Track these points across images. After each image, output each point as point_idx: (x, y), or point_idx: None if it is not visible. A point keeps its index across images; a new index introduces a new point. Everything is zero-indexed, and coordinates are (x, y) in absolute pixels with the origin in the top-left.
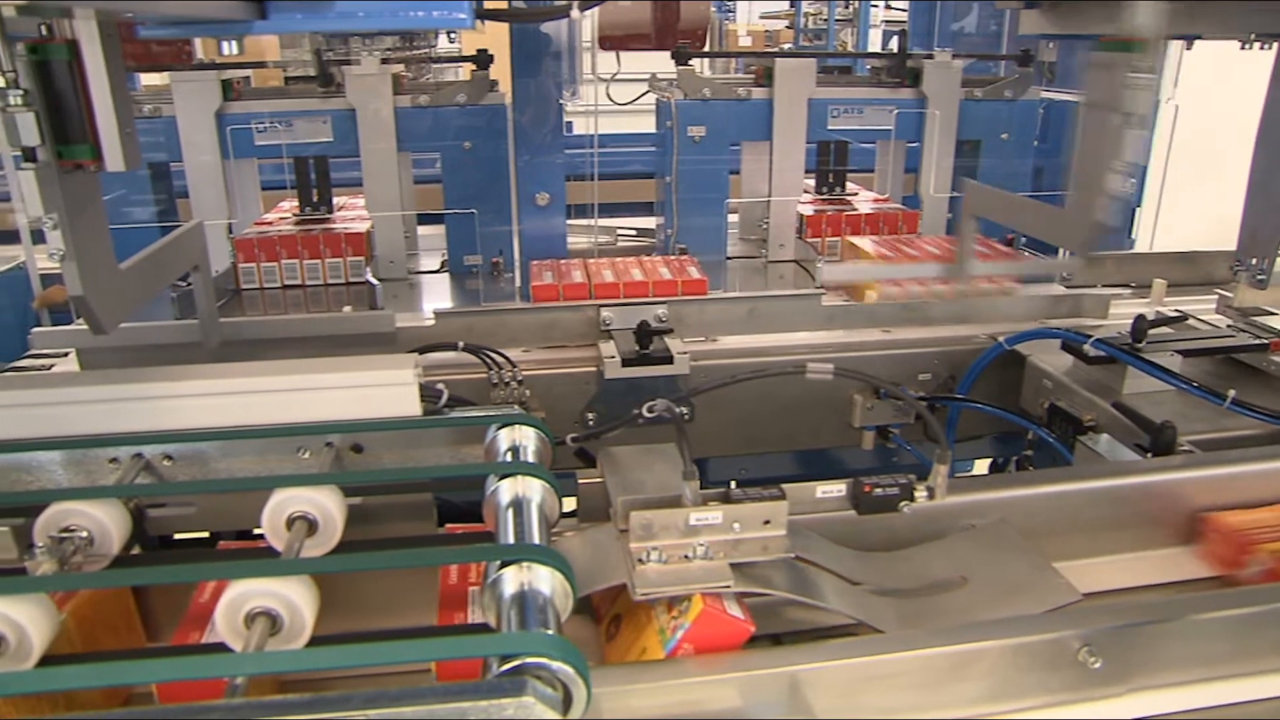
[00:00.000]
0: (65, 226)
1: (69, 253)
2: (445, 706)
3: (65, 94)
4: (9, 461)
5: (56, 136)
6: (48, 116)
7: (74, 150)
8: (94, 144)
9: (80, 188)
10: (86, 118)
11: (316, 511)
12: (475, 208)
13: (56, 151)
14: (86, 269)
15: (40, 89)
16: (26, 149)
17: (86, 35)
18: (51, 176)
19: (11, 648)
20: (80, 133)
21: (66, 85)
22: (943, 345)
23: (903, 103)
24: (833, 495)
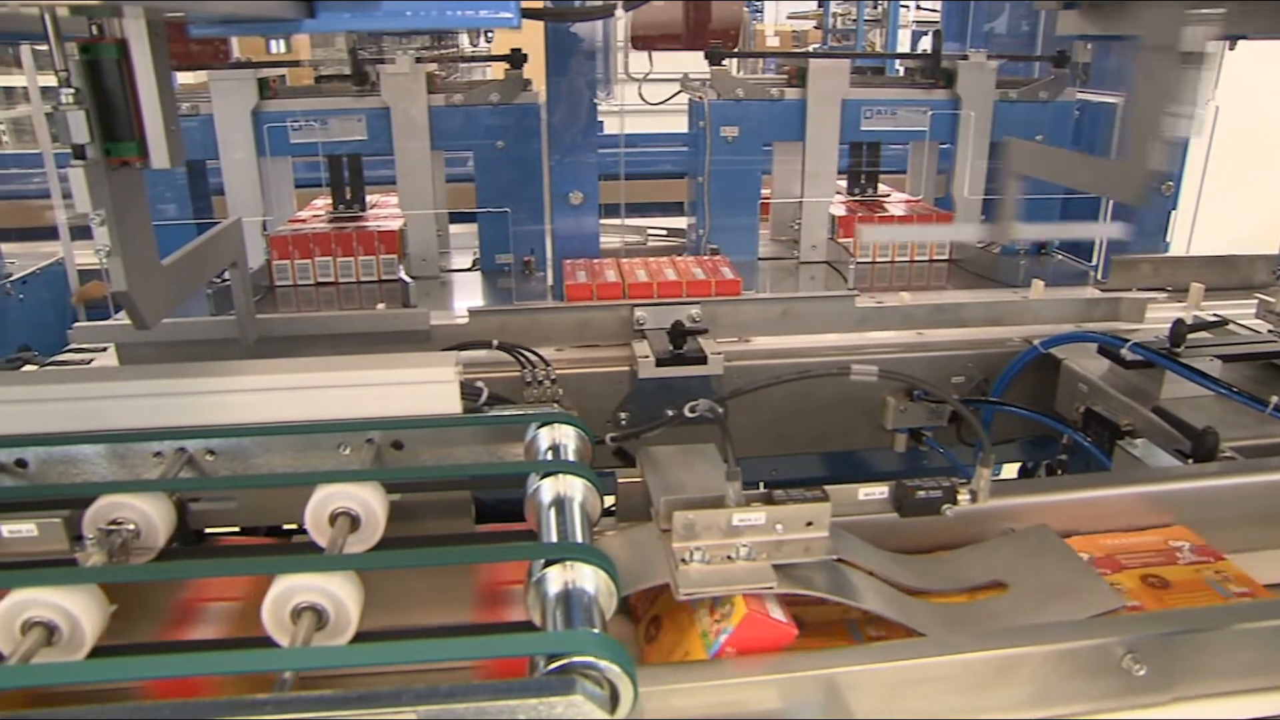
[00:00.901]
0: (111, 223)
1: (114, 249)
2: (495, 704)
3: (114, 92)
4: (56, 454)
5: (105, 134)
6: (97, 115)
7: (121, 148)
8: (140, 141)
9: (126, 185)
10: (134, 116)
11: (359, 508)
12: (507, 206)
13: (104, 149)
14: (131, 265)
15: (90, 88)
16: (76, 146)
17: (135, 34)
18: (99, 174)
19: (65, 638)
20: (128, 130)
21: (115, 84)
22: (976, 348)
23: (936, 104)
24: (875, 497)
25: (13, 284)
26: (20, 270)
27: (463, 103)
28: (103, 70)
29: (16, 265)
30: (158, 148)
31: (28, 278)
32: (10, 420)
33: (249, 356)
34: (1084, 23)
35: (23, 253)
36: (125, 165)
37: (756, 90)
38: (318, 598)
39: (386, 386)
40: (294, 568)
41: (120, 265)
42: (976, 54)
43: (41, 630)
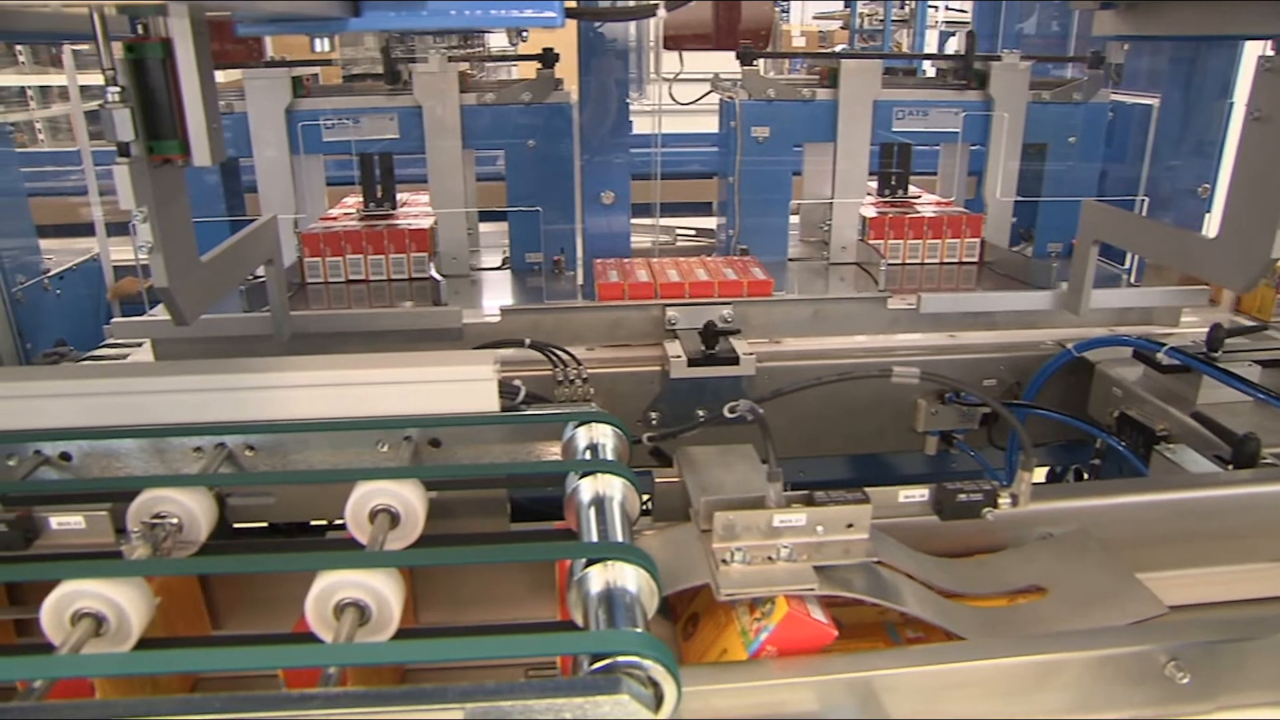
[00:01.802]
0: (153, 220)
1: (156, 245)
2: (542, 703)
3: (158, 91)
4: (99, 448)
5: (148, 132)
6: (141, 113)
7: (164, 145)
8: (183, 139)
9: (168, 182)
10: (177, 114)
11: (399, 505)
12: (538, 205)
13: (148, 147)
14: (171, 262)
15: (135, 86)
16: (120, 144)
17: (180, 34)
18: (143, 171)
19: (112, 629)
20: (170, 129)
21: (160, 82)
22: (1008, 351)
23: (969, 105)
24: (915, 500)
25: (50, 280)
26: (57, 266)
27: (494, 102)
28: (148, 69)
29: (53, 261)
30: (199, 145)
31: (64, 274)
32: (55, 414)
33: (283, 353)
34: (1121, 23)
35: (59, 249)
36: (167, 163)
37: (788, 91)
38: (361, 594)
39: (425, 384)
40: (337, 564)
41: (161, 262)
42: (1010, 55)
43: (90, 621)
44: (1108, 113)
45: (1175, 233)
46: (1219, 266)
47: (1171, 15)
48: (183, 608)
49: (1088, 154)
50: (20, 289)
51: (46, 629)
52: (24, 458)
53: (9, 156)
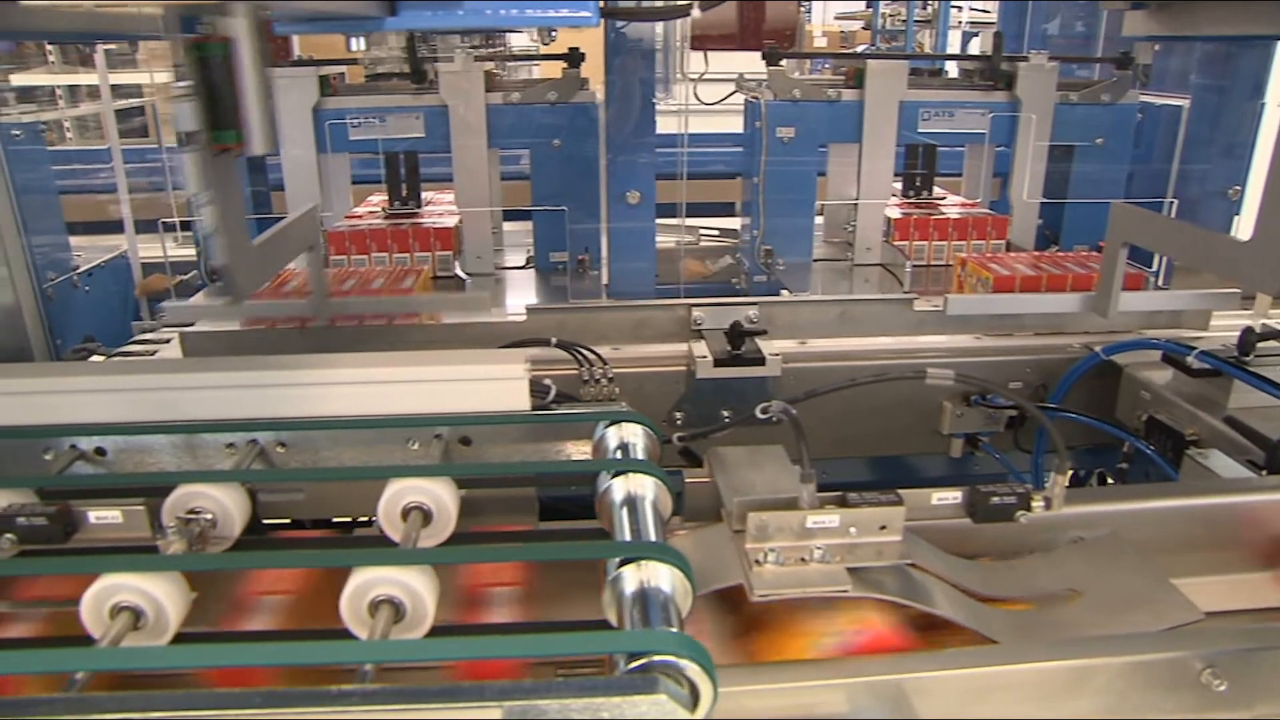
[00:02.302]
0: (215, 204)
1: (217, 227)
2: (580, 702)
3: (220, 85)
4: (134, 443)
5: (210, 123)
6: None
7: (223, 135)
8: (239, 130)
9: (225, 170)
10: (235, 107)
11: (432, 503)
12: (563, 205)
13: (210, 137)
14: (230, 242)
15: (200, 81)
16: (186, 134)
17: (240, 33)
18: (206, 159)
19: (149, 622)
20: (230, 120)
21: (222, 78)
22: (1035, 353)
23: (996, 106)
24: (948, 502)
25: (79, 276)
26: (85, 263)
27: (520, 101)
28: (211, 65)
29: (82, 258)
30: (255, 135)
31: (93, 270)
32: (90, 409)
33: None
34: (1152, 23)
35: (86, 246)
36: (226, 151)
37: (813, 91)
38: (395, 591)
39: (456, 383)
40: (372, 560)
41: (222, 242)
42: (1037, 55)
43: (129, 615)
44: (1136, 114)
45: (1207, 235)
46: (1252, 270)
47: (1205, 15)
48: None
49: (1115, 155)
50: (51, 285)
51: (86, 621)
52: (60, 452)
53: (41, 155)
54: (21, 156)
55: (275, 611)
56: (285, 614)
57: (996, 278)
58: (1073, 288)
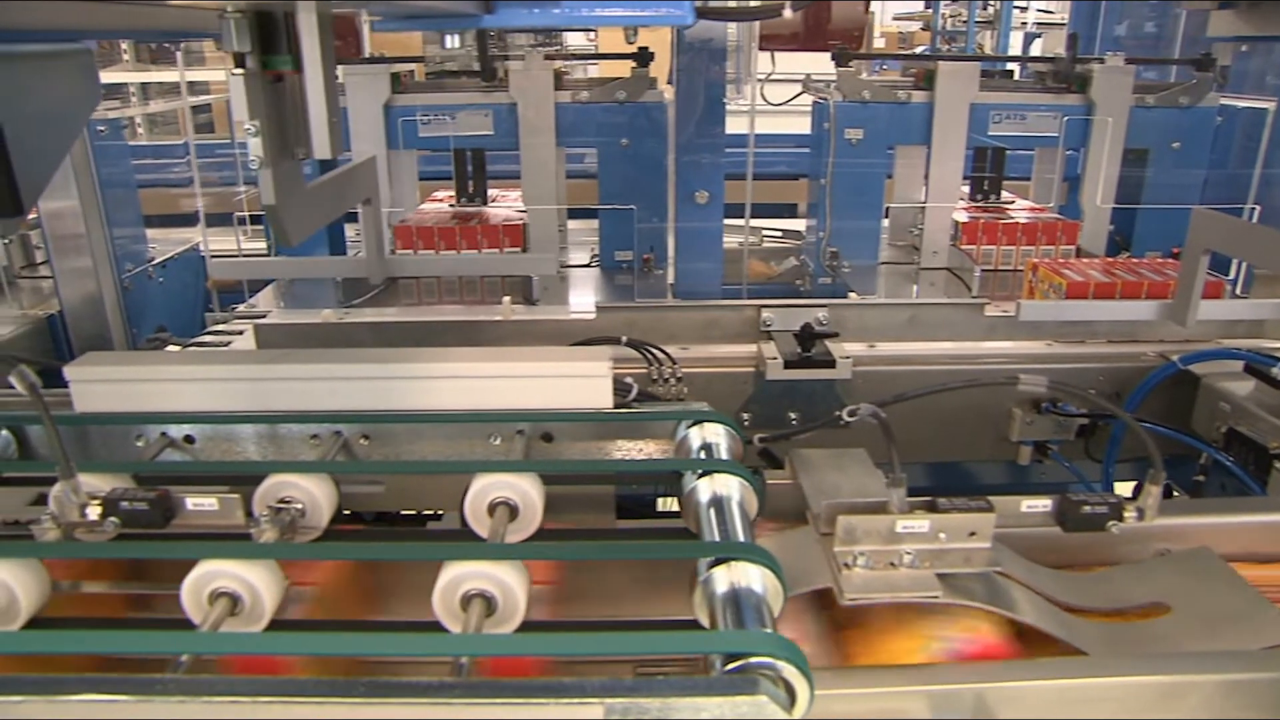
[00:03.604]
0: (265, 135)
1: (266, 160)
2: (682, 701)
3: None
4: (221, 432)
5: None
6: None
7: (277, 60)
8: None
9: (279, 100)
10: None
11: (518, 498)
12: (629, 203)
13: (261, 61)
14: (279, 180)
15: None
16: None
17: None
18: (256, 84)
19: (246, 609)
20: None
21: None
22: (1108, 361)
23: (1069, 108)
24: (1038, 510)
25: (154, 268)
26: (159, 255)
27: (589, 100)
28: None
29: (156, 250)
30: (320, 139)
31: (167, 262)
32: (180, 397)
33: (389, 337)
34: (1240, 23)
35: (159, 238)
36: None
37: (883, 93)
38: (488, 585)
39: (538, 379)
40: (463, 555)
41: (270, 178)
42: (1113, 57)
43: (227, 601)
44: (1216, 117)
45: None
46: None
47: None
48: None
49: (1192, 160)
50: (128, 276)
51: (186, 605)
52: (151, 439)
53: (122, 150)
54: (106, 151)
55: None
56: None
57: (1070, 283)
58: (1148, 295)
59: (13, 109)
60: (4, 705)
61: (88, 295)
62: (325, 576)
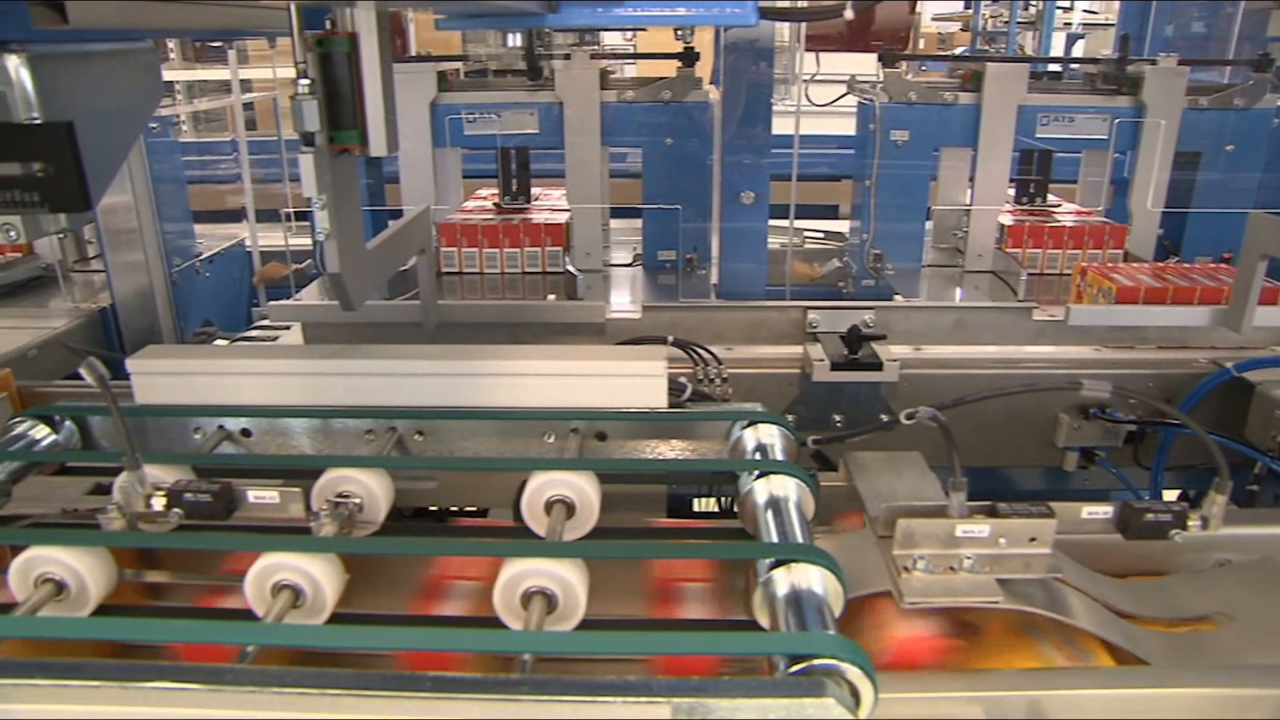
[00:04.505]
0: (331, 207)
1: (332, 232)
2: (749, 702)
3: (342, 83)
4: (278, 425)
5: (330, 122)
6: (325, 105)
7: (344, 135)
8: (361, 130)
9: (344, 172)
10: (358, 106)
11: (575, 496)
12: (673, 203)
13: (329, 136)
14: (344, 248)
15: (321, 79)
16: (306, 134)
17: (365, 28)
18: (325, 160)
19: (309, 602)
20: (351, 119)
21: (344, 75)
22: (1158, 368)
23: (1119, 111)
24: (1098, 517)
25: (201, 263)
26: (206, 251)
27: (634, 99)
28: (334, 63)
29: (203, 245)
30: (377, 136)
31: (213, 258)
32: (237, 391)
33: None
34: None
35: (205, 234)
36: (345, 153)
37: (929, 94)
38: (549, 582)
39: (593, 378)
40: (524, 552)
41: (335, 248)
42: (1166, 58)
43: (290, 593)
44: (1273, 119)
45: None
46: None
47: None
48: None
49: (1246, 163)
50: (176, 270)
51: (249, 597)
52: (208, 432)
53: (173, 146)
54: (157, 148)
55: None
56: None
57: (1120, 288)
58: (1200, 301)
59: (83, 106)
60: (80, 690)
61: (139, 289)
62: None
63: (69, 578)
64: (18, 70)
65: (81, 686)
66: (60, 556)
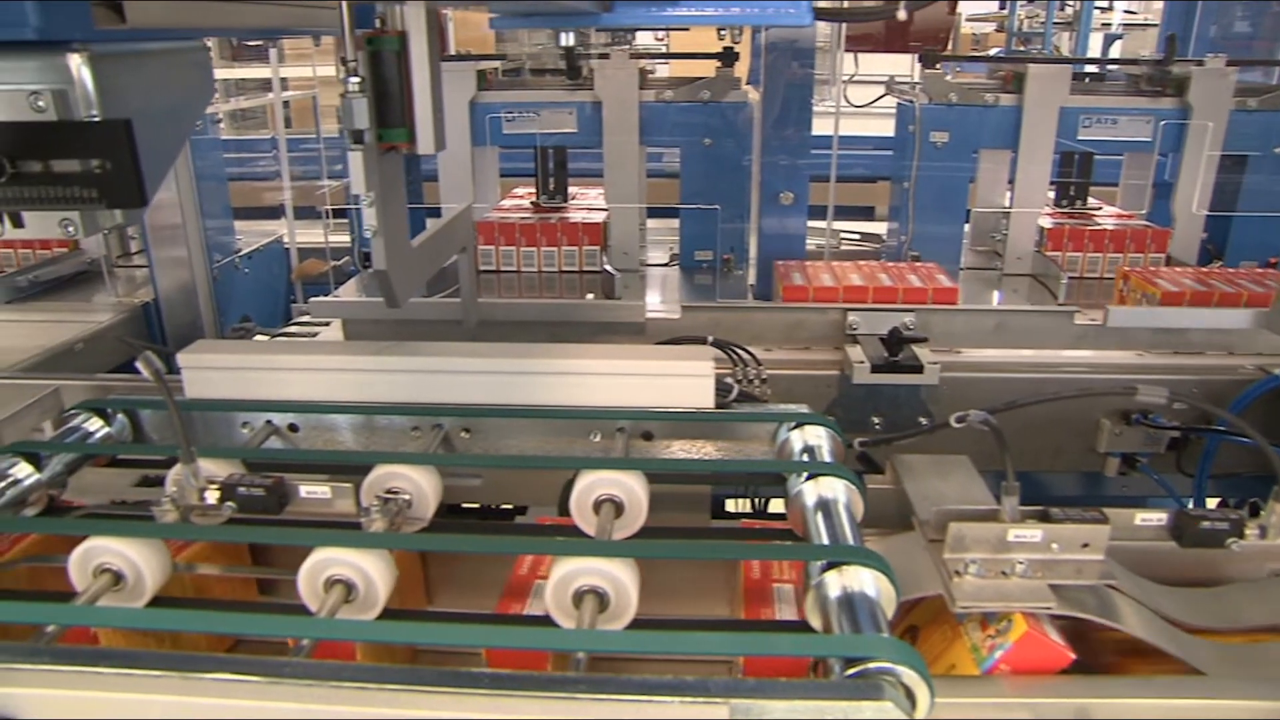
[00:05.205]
0: (380, 205)
1: (379, 229)
2: (807, 704)
3: (391, 81)
4: (323, 421)
5: (379, 120)
6: (374, 102)
7: (392, 134)
8: (409, 128)
9: (391, 170)
10: (406, 104)
11: (624, 495)
12: (711, 203)
13: (378, 135)
14: (390, 246)
15: (371, 77)
16: (355, 132)
17: (415, 27)
18: (373, 158)
19: (360, 596)
20: (399, 117)
21: (393, 73)
22: (1202, 374)
23: (1164, 112)
24: (1152, 524)
25: (240, 259)
26: (245, 247)
27: (673, 99)
28: (383, 61)
29: (242, 242)
30: (425, 134)
31: (252, 254)
32: (285, 387)
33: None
34: None
35: (243, 230)
36: (393, 150)
37: (970, 95)
38: (601, 581)
39: (639, 377)
40: (574, 551)
41: (382, 246)
42: (1214, 59)
43: (342, 588)
44: None
45: None
46: None
47: None
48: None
49: None
50: (217, 266)
51: (302, 591)
52: (256, 426)
53: (215, 143)
54: (200, 145)
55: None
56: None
57: (1164, 293)
58: (1247, 306)
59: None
60: (141, 680)
61: (182, 284)
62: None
63: (126, 568)
64: (79, 69)
65: (144, 675)
66: (118, 547)
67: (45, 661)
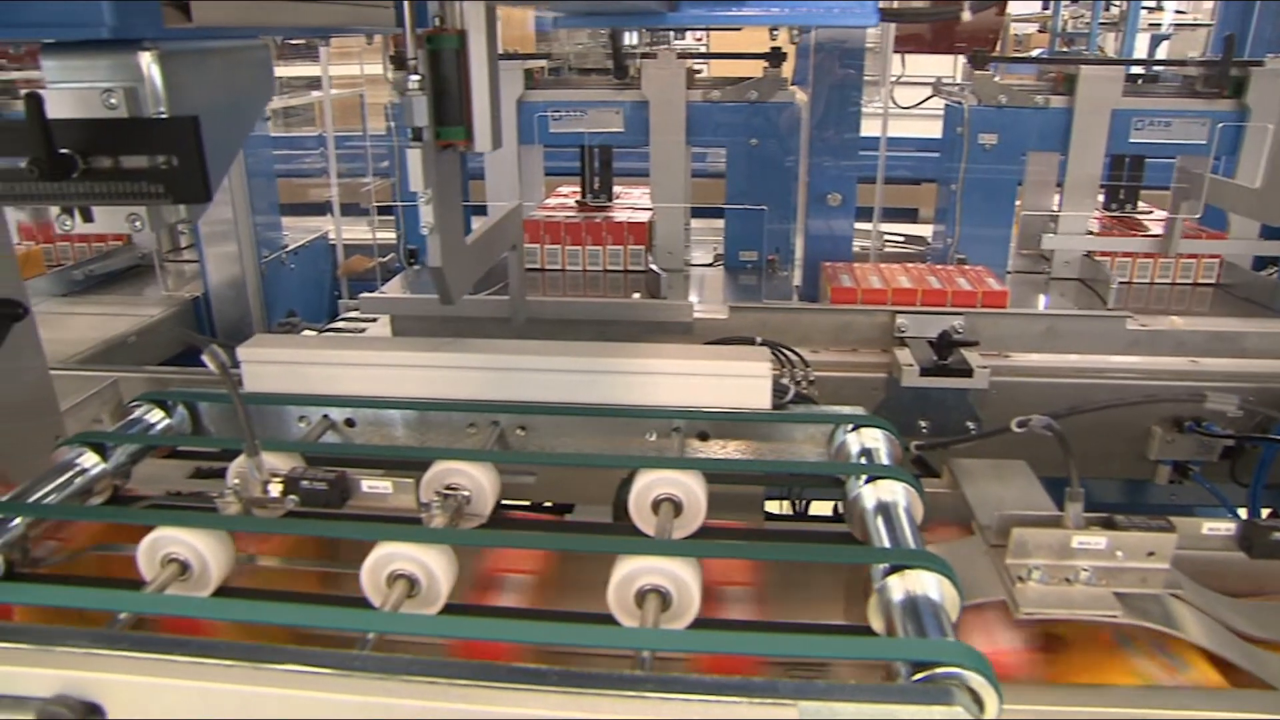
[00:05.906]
0: (436, 202)
1: (435, 226)
2: (876, 707)
3: (450, 80)
4: (381, 417)
5: (437, 118)
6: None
7: (450, 132)
8: (467, 126)
9: (448, 167)
10: (464, 102)
11: (683, 495)
12: (757, 204)
13: (436, 132)
14: (445, 243)
15: (430, 75)
16: (415, 129)
17: (475, 25)
18: (431, 155)
19: (423, 591)
20: (457, 115)
21: (452, 72)
22: (1258, 380)
23: (1221, 115)
24: (1220, 534)
25: (286, 255)
26: (292, 243)
27: (720, 99)
28: (442, 59)
29: (289, 238)
30: (483, 132)
31: (299, 249)
32: (342, 382)
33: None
34: None
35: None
36: (450, 148)
37: (1020, 97)
38: (664, 581)
39: (696, 377)
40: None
41: (438, 243)
42: (1274, 59)
43: (405, 583)
44: None
45: None
46: None
47: None
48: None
49: None
50: (264, 261)
51: (365, 586)
52: (313, 421)
53: (264, 141)
54: (251, 142)
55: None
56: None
57: None
58: None
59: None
60: (213, 669)
61: (232, 279)
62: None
63: (193, 559)
64: (149, 67)
65: (216, 664)
66: (185, 538)
67: (125, 648)
